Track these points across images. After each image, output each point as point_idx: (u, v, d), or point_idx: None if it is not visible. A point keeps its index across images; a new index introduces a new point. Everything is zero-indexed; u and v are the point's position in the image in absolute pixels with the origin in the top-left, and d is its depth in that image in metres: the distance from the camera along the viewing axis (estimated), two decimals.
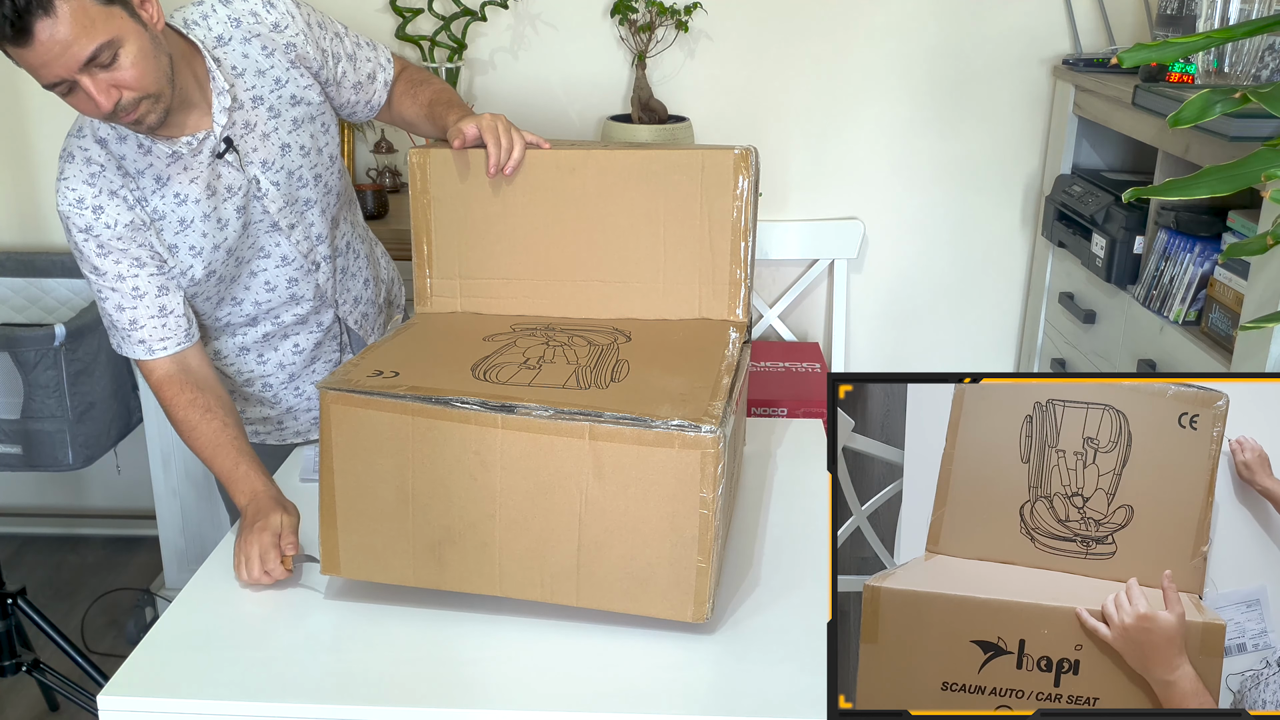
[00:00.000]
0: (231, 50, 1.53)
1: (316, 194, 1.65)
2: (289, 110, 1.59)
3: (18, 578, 2.69)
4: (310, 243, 1.67)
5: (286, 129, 1.59)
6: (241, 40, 1.53)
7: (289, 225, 1.63)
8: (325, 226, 1.68)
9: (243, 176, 1.56)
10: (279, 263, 1.65)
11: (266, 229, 1.62)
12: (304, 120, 1.61)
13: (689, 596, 1.24)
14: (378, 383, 1.29)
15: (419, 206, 1.57)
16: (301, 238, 1.65)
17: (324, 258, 1.70)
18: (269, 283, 1.66)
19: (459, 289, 1.59)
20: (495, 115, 1.53)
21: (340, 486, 1.29)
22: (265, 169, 1.58)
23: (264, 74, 1.55)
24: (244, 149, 1.55)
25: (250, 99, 1.55)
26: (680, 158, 1.52)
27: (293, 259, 1.66)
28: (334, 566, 1.32)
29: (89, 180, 1.47)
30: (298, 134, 1.60)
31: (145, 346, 1.55)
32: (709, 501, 1.20)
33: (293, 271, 1.67)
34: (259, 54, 1.55)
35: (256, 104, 1.55)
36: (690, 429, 1.19)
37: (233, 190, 1.56)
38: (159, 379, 1.56)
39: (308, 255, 1.67)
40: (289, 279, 1.67)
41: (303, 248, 1.66)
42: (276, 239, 1.63)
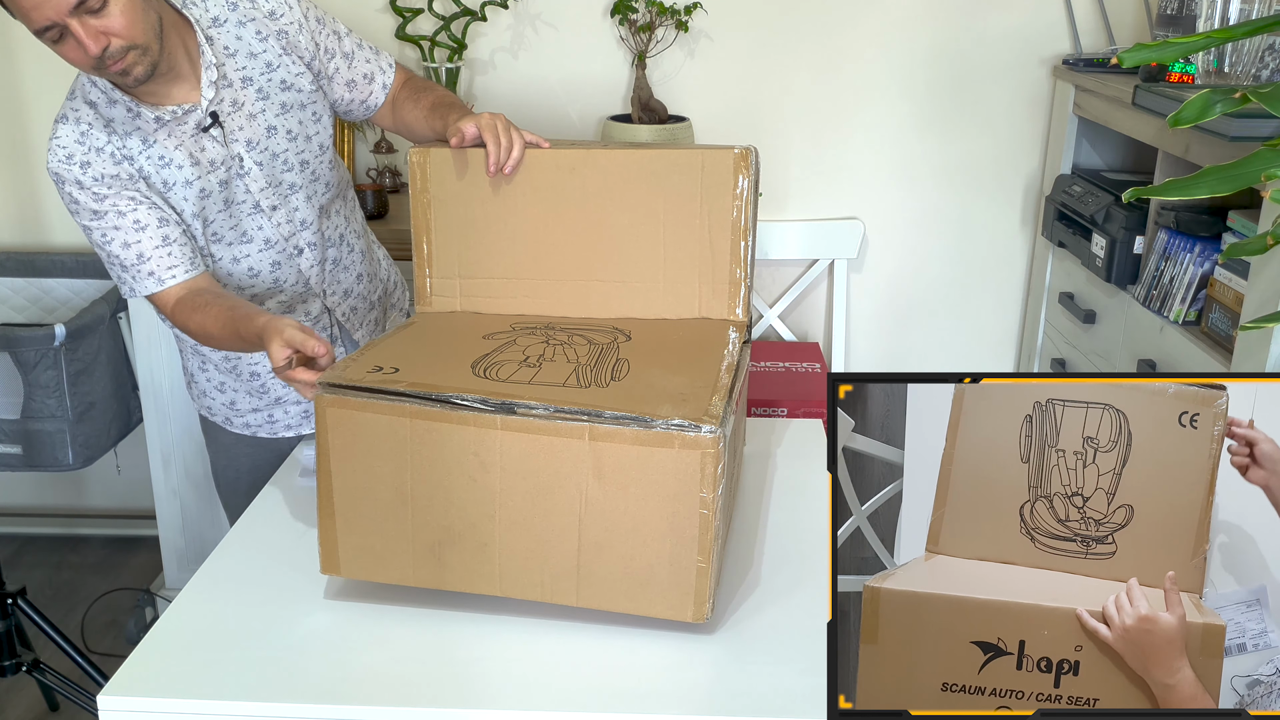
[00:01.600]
0: (226, 31, 1.57)
1: (302, 180, 1.67)
2: (278, 94, 1.62)
3: (18, 578, 2.69)
4: (293, 227, 1.68)
5: (274, 112, 1.62)
6: (237, 23, 1.58)
7: (271, 207, 1.65)
8: (311, 213, 1.70)
9: (226, 152, 1.59)
10: (261, 246, 1.67)
11: (249, 210, 1.64)
12: (293, 106, 1.63)
13: (689, 596, 1.23)
14: (376, 378, 1.28)
15: (419, 206, 1.57)
16: (284, 220, 1.67)
17: (308, 244, 1.71)
18: (251, 268, 1.68)
19: (459, 288, 1.59)
20: (494, 115, 1.54)
21: (339, 488, 1.29)
22: (250, 148, 1.60)
23: (256, 57, 1.59)
24: (230, 126, 1.58)
25: (240, 79, 1.58)
26: (680, 157, 1.52)
27: (275, 241, 1.67)
28: (334, 566, 1.32)
29: (78, 139, 1.52)
30: (285, 118, 1.63)
31: (155, 278, 1.57)
32: (709, 501, 1.20)
33: (275, 255, 1.69)
34: (253, 38, 1.59)
35: (246, 84, 1.59)
36: (690, 429, 1.19)
37: (215, 165, 1.58)
38: (172, 307, 1.58)
39: (289, 239, 1.69)
40: (272, 263, 1.69)
41: (284, 230, 1.67)
42: (259, 221, 1.65)
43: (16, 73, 2.74)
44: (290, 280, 1.72)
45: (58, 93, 1.54)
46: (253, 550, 1.46)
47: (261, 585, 1.38)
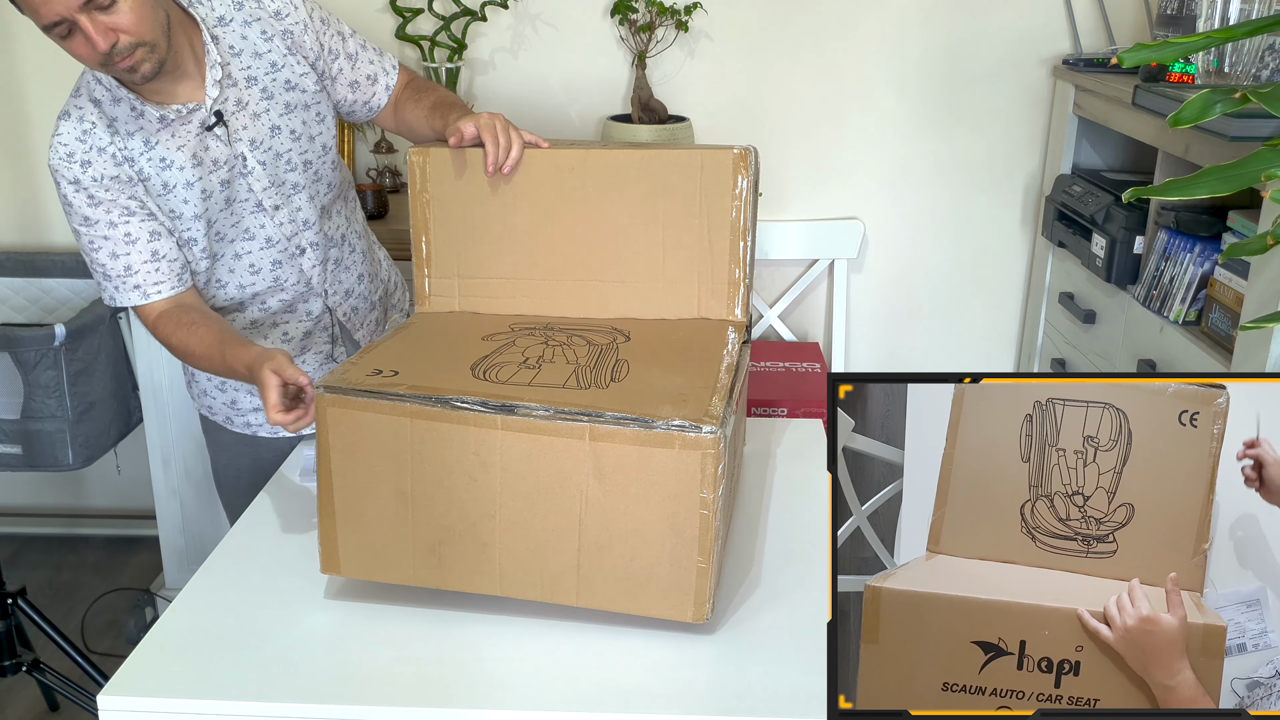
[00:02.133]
0: (231, 31, 1.57)
1: (305, 180, 1.67)
2: (282, 94, 1.62)
3: (18, 578, 2.69)
4: (295, 226, 1.69)
5: (278, 112, 1.62)
6: (242, 23, 1.58)
7: (273, 206, 1.65)
8: (313, 213, 1.70)
9: (230, 151, 1.59)
10: (263, 244, 1.67)
11: (251, 209, 1.64)
12: (297, 106, 1.64)
13: (689, 597, 1.24)
14: (376, 381, 1.28)
15: (418, 206, 1.57)
16: (286, 220, 1.67)
17: (310, 244, 1.71)
18: (253, 265, 1.68)
19: (457, 288, 1.59)
20: (494, 114, 1.54)
21: (339, 488, 1.29)
22: (253, 148, 1.61)
23: (260, 56, 1.59)
24: (234, 125, 1.58)
25: (245, 78, 1.58)
26: (679, 157, 1.52)
27: (276, 240, 1.68)
28: (334, 565, 1.32)
29: (80, 137, 1.52)
30: (289, 118, 1.63)
31: (140, 291, 1.57)
32: (709, 502, 1.20)
33: (276, 254, 1.69)
34: (258, 37, 1.59)
35: (250, 84, 1.59)
36: (691, 429, 1.19)
37: (218, 164, 1.58)
38: (155, 320, 1.59)
39: (291, 239, 1.69)
40: (273, 261, 1.69)
41: (287, 230, 1.68)
42: (261, 220, 1.65)
43: (17, 73, 2.74)
44: (291, 280, 1.72)
45: (58, 93, 1.55)
46: (253, 550, 1.46)
47: (261, 585, 1.38)
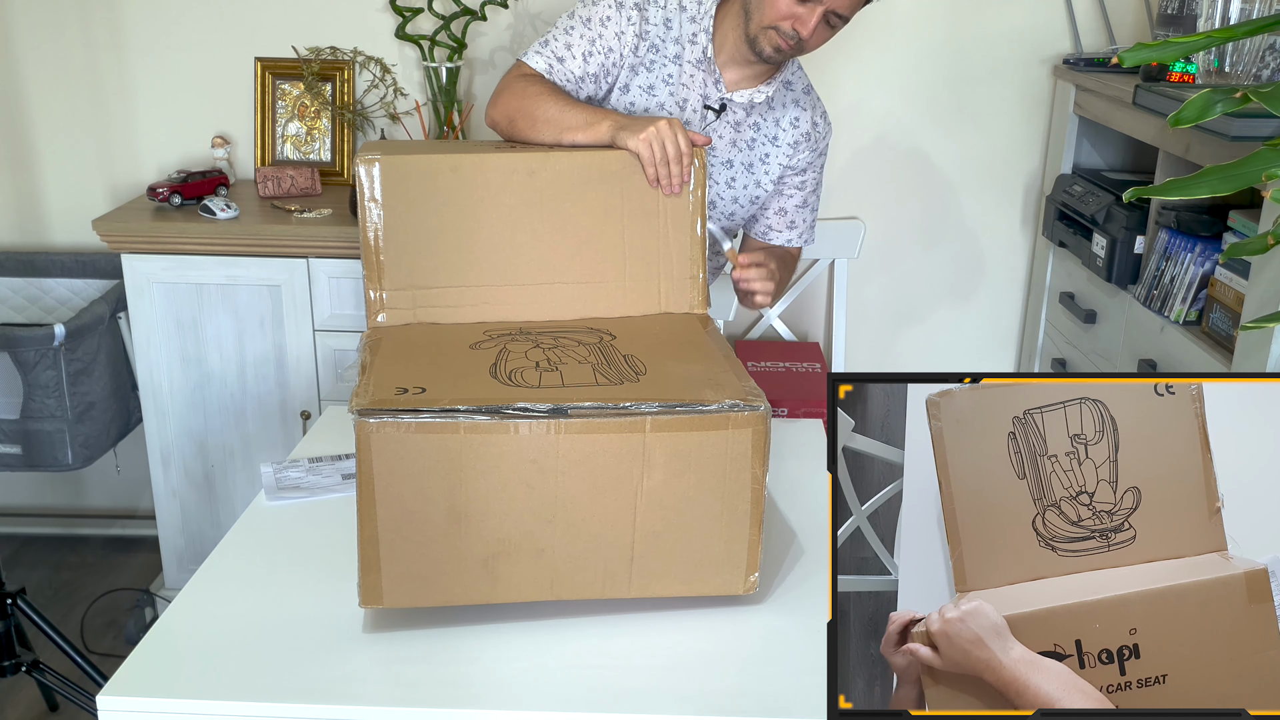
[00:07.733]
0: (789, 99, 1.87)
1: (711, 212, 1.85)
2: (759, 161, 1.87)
3: (17, 578, 2.69)
4: None
5: (742, 161, 1.86)
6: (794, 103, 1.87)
7: None
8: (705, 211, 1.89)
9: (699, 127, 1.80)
10: None
11: None
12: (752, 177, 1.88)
13: (740, 571, 1.29)
14: (409, 400, 1.22)
15: (368, 214, 1.49)
16: None
17: None
18: None
19: (412, 299, 1.52)
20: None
21: (383, 517, 1.22)
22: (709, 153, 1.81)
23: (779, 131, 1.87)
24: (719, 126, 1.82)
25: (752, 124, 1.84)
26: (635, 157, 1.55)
27: None
28: (375, 598, 1.25)
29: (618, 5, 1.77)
30: (744, 174, 1.86)
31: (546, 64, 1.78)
32: (760, 477, 1.26)
33: None
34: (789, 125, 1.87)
35: (754, 130, 1.85)
36: (743, 408, 1.24)
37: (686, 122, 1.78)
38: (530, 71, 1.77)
39: None
40: None
41: None
42: None
43: (17, 73, 2.74)
44: None
45: (58, 93, 1.55)
46: (253, 550, 1.46)
47: (261, 585, 1.37)
